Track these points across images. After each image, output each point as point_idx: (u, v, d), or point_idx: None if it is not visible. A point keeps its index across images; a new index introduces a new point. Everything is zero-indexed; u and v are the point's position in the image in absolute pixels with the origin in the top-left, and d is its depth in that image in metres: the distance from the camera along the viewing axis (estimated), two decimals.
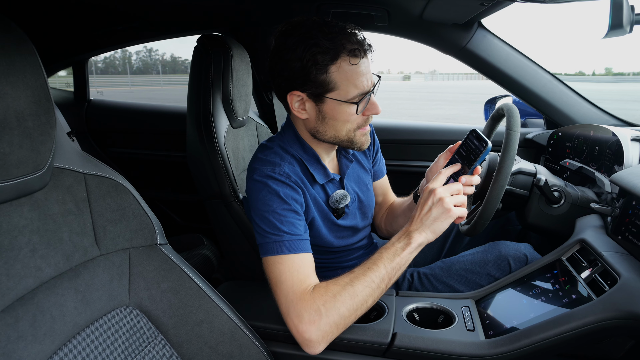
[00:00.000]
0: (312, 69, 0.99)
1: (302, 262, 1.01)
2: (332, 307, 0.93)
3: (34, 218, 0.72)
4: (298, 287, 0.97)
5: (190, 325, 0.90)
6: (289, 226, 1.02)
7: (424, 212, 1.00)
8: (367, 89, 1.03)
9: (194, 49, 1.52)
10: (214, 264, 1.90)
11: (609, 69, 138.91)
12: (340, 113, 1.05)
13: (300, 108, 1.08)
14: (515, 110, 1.21)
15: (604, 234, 1.13)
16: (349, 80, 1.01)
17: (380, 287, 0.98)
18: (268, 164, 1.08)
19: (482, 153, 0.98)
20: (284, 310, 0.97)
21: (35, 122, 0.68)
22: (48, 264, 0.72)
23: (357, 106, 1.04)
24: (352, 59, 0.99)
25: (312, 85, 1.02)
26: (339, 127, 1.08)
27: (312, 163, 1.15)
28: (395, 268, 0.99)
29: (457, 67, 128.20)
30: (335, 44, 0.98)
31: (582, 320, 0.89)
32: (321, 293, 0.95)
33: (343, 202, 1.20)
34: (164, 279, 0.89)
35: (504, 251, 1.26)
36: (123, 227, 0.85)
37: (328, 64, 0.99)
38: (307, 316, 0.93)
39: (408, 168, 2.19)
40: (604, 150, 1.39)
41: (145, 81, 44.88)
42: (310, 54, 0.98)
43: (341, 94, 1.03)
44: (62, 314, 0.72)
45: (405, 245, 1.00)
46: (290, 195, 1.05)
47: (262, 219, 1.03)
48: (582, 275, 1.03)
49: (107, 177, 0.85)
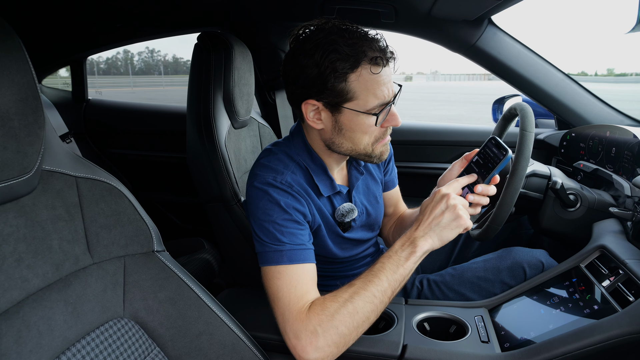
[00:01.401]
0: (331, 76, 0.92)
1: (302, 274, 0.95)
2: (329, 326, 0.87)
3: (20, 225, 0.67)
4: (295, 305, 0.91)
5: (189, 337, 0.85)
6: (290, 237, 0.96)
7: (433, 216, 0.93)
8: (387, 100, 0.96)
9: (194, 47, 1.47)
10: (214, 268, 1.85)
11: (611, 70, 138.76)
12: (359, 124, 0.98)
13: (315, 118, 1.00)
14: (529, 110, 1.16)
15: (625, 240, 1.08)
16: (369, 90, 0.94)
17: (383, 302, 0.91)
18: (270, 171, 1.02)
19: (502, 162, 0.92)
20: (282, 328, 0.92)
21: (21, 121, 0.64)
22: (35, 274, 0.67)
23: (377, 117, 0.96)
24: (374, 68, 0.92)
25: (329, 94, 0.95)
26: (357, 140, 1.00)
27: (318, 174, 1.08)
28: (398, 280, 0.92)
29: (458, 67, 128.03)
30: (356, 50, 0.91)
31: (607, 333, 0.83)
32: (317, 312, 0.88)
33: (350, 216, 1.14)
34: (161, 288, 0.84)
35: (519, 258, 1.21)
36: (118, 234, 0.81)
37: (347, 72, 0.92)
38: (304, 337, 0.87)
39: (416, 170, 2.13)
40: (622, 151, 1.33)
41: (147, 82, 45.02)
42: (329, 61, 0.91)
43: (360, 104, 0.95)
44: (50, 328, 0.67)
45: (409, 253, 0.92)
46: (291, 205, 0.99)
47: (261, 228, 0.98)
48: (603, 284, 0.97)
49: (101, 180, 0.80)
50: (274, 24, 1.91)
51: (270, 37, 1.94)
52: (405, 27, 1.71)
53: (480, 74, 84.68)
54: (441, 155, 2.10)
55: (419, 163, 2.12)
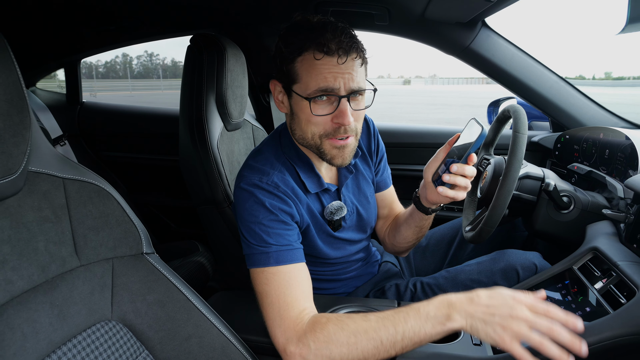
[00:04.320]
0: (281, 57, 0.97)
1: (292, 276, 0.94)
2: (323, 347, 0.85)
3: (4, 227, 0.66)
4: (286, 311, 0.90)
5: (178, 340, 0.84)
6: (276, 237, 0.96)
7: (489, 305, 0.80)
8: (330, 87, 0.94)
9: (187, 49, 1.47)
10: (208, 271, 1.84)
11: (608, 73, 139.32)
12: (302, 109, 0.98)
13: (280, 100, 1.05)
14: (522, 112, 1.16)
15: (618, 242, 1.08)
16: (309, 74, 0.94)
17: (387, 351, 0.84)
18: (257, 172, 1.02)
19: (475, 140, 0.91)
20: (272, 331, 0.92)
21: (6, 122, 0.63)
22: (20, 276, 0.67)
23: (310, 103, 0.95)
24: (317, 53, 0.92)
25: (283, 75, 0.99)
26: (304, 127, 1.00)
27: (305, 170, 1.08)
28: (413, 340, 0.83)
29: (457, 71, 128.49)
30: (307, 35, 0.93)
31: (598, 335, 0.83)
32: (316, 329, 0.87)
33: (339, 214, 1.13)
34: (150, 290, 0.83)
35: (512, 260, 1.20)
36: (106, 236, 0.80)
37: (295, 54, 0.95)
38: (295, 346, 0.87)
39: (409, 172, 2.13)
40: (616, 153, 1.33)
41: (145, 85, 45.10)
42: (284, 44, 0.96)
43: (302, 88, 0.96)
44: (35, 331, 0.66)
45: (438, 323, 0.82)
46: (277, 206, 0.99)
47: (247, 230, 0.98)
48: (595, 286, 0.97)
49: (89, 181, 0.80)
50: (267, 27, 1.91)
51: (264, 40, 1.94)
52: (399, 29, 1.71)
53: (479, 78, 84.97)
54: None
55: (412, 165, 2.12)
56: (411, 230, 1.23)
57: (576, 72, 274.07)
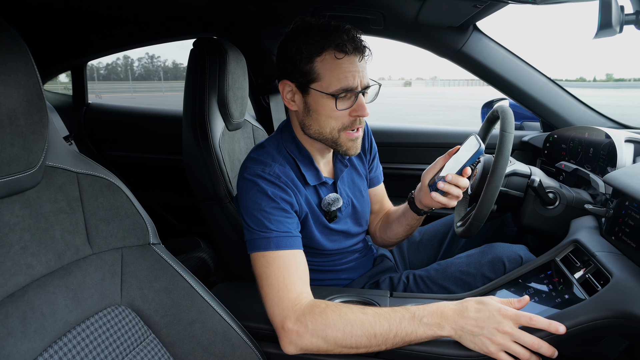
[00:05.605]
0: (299, 57, 1.03)
1: (290, 260, 1.01)
2: (319, 329, 0.91)
3: (25, 216, 0.72)
4: (286, 292, 0.96)
5: (183, 325, 0.90)
6: (277, 224, 1.03)
7: (477, 318, 0.87)
8: (351, 86, 1.03)
9: (190, 52, 1.53)
10: (210, 267, 1.90)
11: (609, 75, 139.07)
12: (323, 106, 1.06)
13: (290, 99, 1.11)
14: (509, 112, 1.21)
15: (598, 235, 1.13)
16: (332, 73, 1.02)
17: (378, 345, 0.91)
18: (259, 164, 1.10)
19: (472, 155, 0.99)
20: (270, 310, 0.98)
21: (27, 120, 0.69)
22: (39, 261, 0.73)
23: (336, 100, 1.04)
24: (338, 53, 1.01)
25: (299, 74, 1.05)
26: (323, 122, 1.08)
27: (305, 164, 1.16)
28: (403, 339, 0.90)
29: (457, 73, 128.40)
30: (325, 36, 1.01)
31: (574, 320, 0.88)
32: (315, 312, 0.92)
33: (335, 205, 1.20)
34: (157, 278, 0.89)
35: (499, 253, 1.26)
36: (116, 227, 0.86)
37: (314, 54, 1.02)
38: (293, 324, 0.93)
39: (405, 171, 2.19)
40: (599, 151, 1.39)
41: (147, 87, 45.09)
42: (299, 44, 1.03)
43: (324, 86, 1.04)
44: (53, 312, 0.72)
45: (429, 329, 0.90)
46: (278, 195, 1.06)
47: (250, 216, 1.04)
48: (575, 276, 1.02)
49: (100, 176, 0.86)
50: (267, 31, 1.97)
51: (264, 43, 2.00)
52: (394, 33, 1.77)
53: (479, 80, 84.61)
54: (429, 157, 2.15)
55: (408, 164, 2.18)
56: (402, 228, 1.32)
57: (577, 74, 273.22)
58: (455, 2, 1.32)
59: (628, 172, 1.11)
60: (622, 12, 0.85)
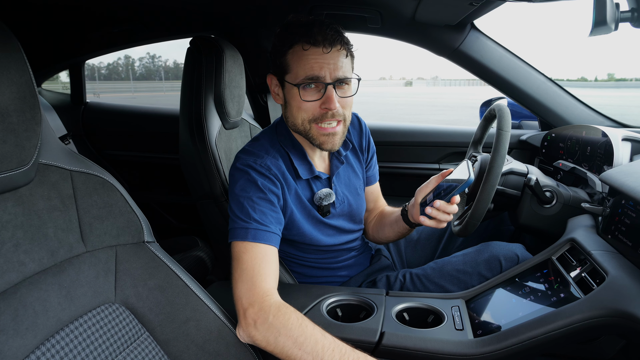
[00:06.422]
0: (275, 51, 1.10)
1: (265, 254, 1.01)
2: (275, 330, 0.89)
3: (18, 213, 0.72)
4: (259, 282, 0.96)
5: (177, 323, 0.90)
6: (260, 215, 1.04)
7: None
8: (316, 75, 1.04)
9: (187, 51, 1.52)
10: (207, 265, 1.90)
11: (611, 75, 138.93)
12: (293, 97, 1.09)
13: (276, 93, 1.16)
14: (506, 111, 1.21)
15: (594, 234, 1.13)
16: (298, 64, 1.05)
17: None
18: (252, 155, 1.12)
19: (461, 185, 0.99)
20: (238, 291, 0.97)
21: (19, 117, 0.69)
22: (32, 259, 0.73)
23: (299, 89, 1.06)
24: (305, 45, 1.03)
25: (277, 68, 1.11)
26: (295, 114, 1.11)
27: (298, 157, 1.18)
28: None
29: (458, 73, 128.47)
30: (298, 31, 1.04)
31: (569, 318, 0.88)
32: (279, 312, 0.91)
33: (327, 200, 1.21)
34: (151, 276, 0.89)
35: (496, 251, 1.26)
36: (110, 224, 0.86)
37: (285, 47, 1.06)
38: (256, 312, 0.92)
39: (404, 170, 2.19)
40: (596, 150, 1.39)
41: (148, 87, 45.16)
42: (277, 40, 1.09)
43: (292, 77, 1.08)
44: (45, 309, 0.72)
45: None
46: (267, 186, 1.08)
47: (237, 203, 1.06)
48: (571, 275, 1.02)
49: (94, 174, 0.85)
50: (265, 30, 1.97)
51: (261, 42, 2.00)
52: (391, 31, 1.77)
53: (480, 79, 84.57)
54: (427, 156, 2.16)
55: (406, 163, 2.18)
56: (393, 234, 1.34)
57: (578, 74, 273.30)
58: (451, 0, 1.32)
59: (624, 170, 1.11)
60: (617, 10, 0.85)
